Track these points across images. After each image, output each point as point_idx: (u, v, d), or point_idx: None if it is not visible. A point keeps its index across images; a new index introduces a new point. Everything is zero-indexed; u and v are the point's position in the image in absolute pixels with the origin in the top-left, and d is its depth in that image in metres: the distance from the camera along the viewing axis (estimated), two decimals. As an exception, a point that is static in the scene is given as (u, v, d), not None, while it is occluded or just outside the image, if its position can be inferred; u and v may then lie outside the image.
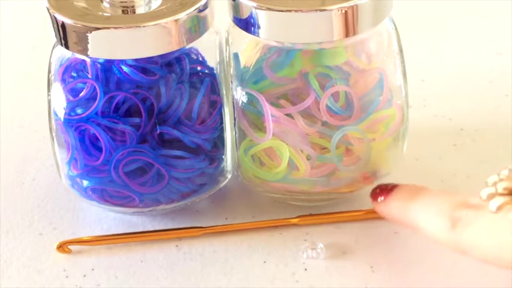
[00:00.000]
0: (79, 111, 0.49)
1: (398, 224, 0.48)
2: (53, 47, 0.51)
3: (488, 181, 0.42)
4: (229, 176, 0.54)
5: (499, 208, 0.40)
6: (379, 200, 0.49)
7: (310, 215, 0.52)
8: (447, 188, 0.54)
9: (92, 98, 0.48)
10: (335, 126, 0.49)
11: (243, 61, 0.50)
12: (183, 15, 0.47)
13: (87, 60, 0.48)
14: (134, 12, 0.48)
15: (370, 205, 0.50)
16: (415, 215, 0.46)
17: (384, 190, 0.49)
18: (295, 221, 0.52)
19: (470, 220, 0.43)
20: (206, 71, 0.51)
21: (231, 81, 0.51)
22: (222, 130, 0.51)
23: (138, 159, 0.49)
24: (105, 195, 0.51)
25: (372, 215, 0.51)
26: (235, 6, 0.48)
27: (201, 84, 0.50)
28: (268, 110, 0.49)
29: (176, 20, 0.47)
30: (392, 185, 0.49)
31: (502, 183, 0.41)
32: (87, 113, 0.49)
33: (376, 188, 0.49)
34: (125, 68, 0.48)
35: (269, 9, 0.47)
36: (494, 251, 0.41)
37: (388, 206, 0.48)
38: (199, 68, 0.51)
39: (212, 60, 0.51)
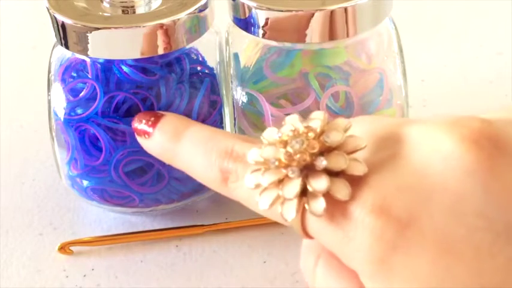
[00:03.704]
0: (79, 111, 0.49)
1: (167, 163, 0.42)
2: (53, 47, 0.51)
3: (248, 159, 0.37)
4: (229, 176, 0.54)
5: (272, 205, 0.36)
6: (143, 136, 0.43)
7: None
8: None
9: (92, 98, 0.48)
10: (335, 126, 0.49)
11: (243, 61, 0.50)
12: (183, 15, 0.47)
13: (87, 60, 0.48)
14: (134, 12, 0.48)
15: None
16: (182, 158, 0.41)
17: (147, 123, 0.42)
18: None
19: (239, 177, 0.38)
20: (206, 71, 0.51)
21: (231, 81, 0.51)
22: (222, 130, 0.51)
23: (138, 159, 0.49)
24: (105, 195, 0.51)
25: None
26: (235, 6, 0.48)
27: (201, 84, 0.50)
28: (268, 110, 0.49)
29: (176, 20, 0.47)
30: (156, 115, 0.43)
31: (268, 176, 0.35)
32: (87, 113, 0.49)
33: (138, 118, 0.43)
34: (125, 68, 0.48)
35: (269, 9, 0.47)
36: (268, 213, 0.37)
37: (152, 143, 0.42)
38: (199, 68, 0.51)
39: (212, 60, 0.51)
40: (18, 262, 0.50)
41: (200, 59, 0.51)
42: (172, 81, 0.49)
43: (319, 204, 0.35)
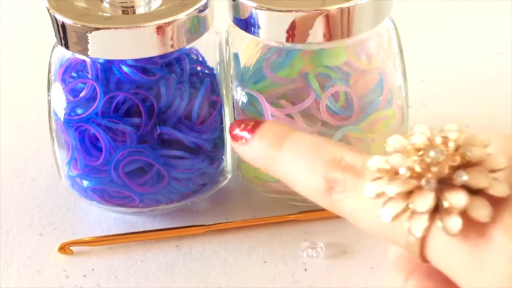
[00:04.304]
0: (79, 111, 0.49)
1: (265, 171, 0.39)
2: (53, 47, 0.51)
3: (370, 165, 0.34)
4: (229, 176, 0.54)
5: (396, 217, 0.32)
6: (240, 142, 0.40)
7: (312, 210, 0.52)
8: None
9: (92, 98, 0.48)
10: (335, 126, 0.49)
11: (243, 61, 0.50)
12: (183, 16, 0.47)
13: (87, 60, 0.48)
14: (134, 13, 0.48)
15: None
16: (282, 166, 0.38)
17: (245, 128, 0.40)
18: (296, 216, 0.52)
19: (348, 188, 0.35)
20: (206, 71, 0.51)
21: (231, 82, 0.51)
22: (222, 130, 0.51)
23: (138, 160, 0.49)
24: (105, 195, 0.51)
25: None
26: (235, 6, 0.48)
27: (201, 84, 0.50)
28: (268, 110, 0.49)
29: (176, 20, 0.47)
30: (255, 121, 0.40)
31: (394, 186, 0.33)
32: (87, 113, 0.49)
33: (236, 124, 0.40)
34: (125, 68, 0.48)
35: (269, 9, 0.47)
36: (377, 228, 0.34)
37: (249, 149, 0.39)
38: (199, 68, 0.51)
39: (212, 61, 0.51)
40: (18, 262, 0.50)
41: (200, 59, 0.51)
42: (172, 81, 0.49)
43: (454, 222, 0.31)
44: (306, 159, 0.37)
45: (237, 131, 0.40)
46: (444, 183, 0.32)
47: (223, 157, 0.52)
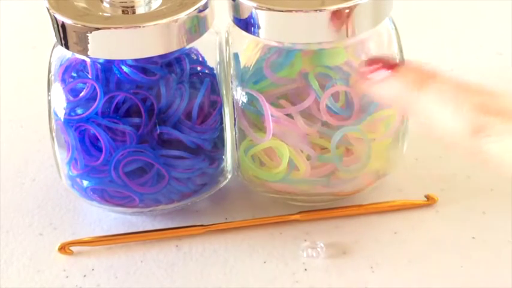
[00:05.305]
0: (79, 111, 0.49)
1: (395, 106, 0.41)
2: (53, 47, 0.51)
3: None
4: (229, 176, 0.54)
5: None
6: (378, 76, 0.41)
7: (312, 210, 0.52)
8: (447, 188, 0.54)
9: (92, 98, 0.48)
10: (335, 126, 0.49)
11: (243, 61, 0.50)
12: (183, 16, 0.47)
13: (87, 60, 0.48)
14: (134, 13, 0.48)
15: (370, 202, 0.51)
16: (425, 105, 0.39)
17: (386, 65, 0.41)
18: (296, 216, 0.52)
19: (496, 132, 0.37)
20: (206, 71, 0.51)
21: (231, 81, 0.51)
22: (222, 130, 0.51)
23: (138, 160, 0.49)
24: (105, 195, 0.51)
25: (373, 210, 0.51)
26: (235, 6, 0.48)
27: (201, 84, 0.50)
28: (268, 110, 0.49)
29: (176, 20, 0.47)
30: (393, 60, 0.41)
31: None
32: (87, 113, 0.49)
33: (374, 61, 0.42)
34: (125, 68, 0.48)
35: (269, 9, 0.47)
36: None
37: (389, 87, 0.41)
38: (199, 68, 0.51)
39: (212, 60, 0.51)
40: (18, 262, 0.50)
41: (200, 59, 0.51)
42: (173, 81, 0.49)
43: None
44: (454, 101, 0.38)
45: (374, 68, 0.41)
46: None
47: (223, 157, 0.52)
